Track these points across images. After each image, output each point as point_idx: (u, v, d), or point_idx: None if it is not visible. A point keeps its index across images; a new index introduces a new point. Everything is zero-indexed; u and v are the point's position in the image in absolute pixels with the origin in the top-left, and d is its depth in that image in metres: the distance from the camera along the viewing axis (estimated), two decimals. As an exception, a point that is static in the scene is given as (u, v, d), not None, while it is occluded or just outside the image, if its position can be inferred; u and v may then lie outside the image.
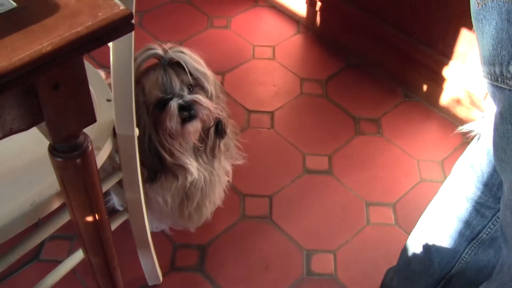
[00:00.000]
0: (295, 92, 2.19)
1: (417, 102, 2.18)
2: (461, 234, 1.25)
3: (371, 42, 2.23)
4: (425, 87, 2.16)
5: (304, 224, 1.77)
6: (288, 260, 1.69)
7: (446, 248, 1.29)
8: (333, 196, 1.85)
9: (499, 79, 0.74)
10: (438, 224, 1.29)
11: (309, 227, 1.77)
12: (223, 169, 1.58)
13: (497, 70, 0.74)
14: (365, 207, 1.83)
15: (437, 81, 2.03)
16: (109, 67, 1.00)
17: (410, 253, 1.39)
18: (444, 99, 2.07)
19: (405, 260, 1.42)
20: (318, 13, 2.40)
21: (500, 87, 0.75)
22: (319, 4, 2.34)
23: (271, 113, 2.10)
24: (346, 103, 2.16)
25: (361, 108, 2.14)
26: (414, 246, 1.37)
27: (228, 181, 1.69)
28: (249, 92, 2.17)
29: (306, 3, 2.40)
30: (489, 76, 0.77)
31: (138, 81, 1.33)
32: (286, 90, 2.19)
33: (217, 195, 1.62)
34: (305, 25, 2.47)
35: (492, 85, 0.77)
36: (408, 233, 1.41)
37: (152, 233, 1.51)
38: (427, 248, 1.32)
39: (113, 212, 1.50)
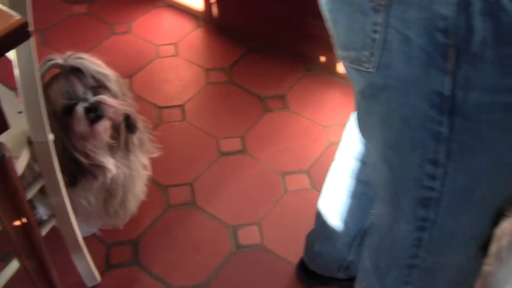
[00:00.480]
0: (202, 83, 2.28)
1: (318, 73, 2.31)
2: (363, 193, 1.37)
3: (268, 23, 2.36)
4: (323, 58, 2.30)
5: (227, 203, 1.87)
6: (217, 239, 1.79)
7: (353, 208, 1.41)
8: (250, 172, 1.96)
9: (355, 62, 0.82)
10: (340, 185, 1.41)
11: (231, 205, 1.87)
12: (140, 163, 1.66)
13: (352, 54, 0.82)
14: (281, 178, 1.95)
15: (333, 51, 2.16)
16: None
17: (323, 216, 1.51)
18: (342, 67, 2.21)
19: (321, 223, 1.54)
20: (214, 5, 2.51)
21: (357, 69, 0.83)
22: (212, -4, 2.45)
23: (181, 106, 2.19)
24: (251, 85, 2.27)
25: (266, 87, 2.26)
26: (325, 209, 1.49)
27: (148, 175, 1.76)
28: (158, 90, 2.25)
29: (201, -3, 2.50)
30: (346, 60, 0.86)
31: (43, 92, 1.39)
32: (193, 82, 2.29)
33: (139, 189, 1.70)
34: (203, 19, 2.57)
35: (350, 67, 0.86)
36: (323, 195, 1.53)
37: (84, 237, 1.58)
38: (336, 209, 1.45)
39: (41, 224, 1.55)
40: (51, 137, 1.21)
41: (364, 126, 0.96)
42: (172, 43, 2.48)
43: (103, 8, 2.64)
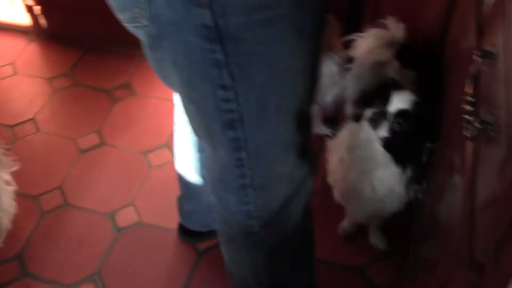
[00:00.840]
0: (48, 93, 2.34)
1: (156, 55, 2.42)
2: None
3: (96, 21, 2.41)
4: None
5: (98, 194, 1.96)
6: (97, 229, 1.87)
7: (203, 160, 1.50)
8: (113, 160, 2.06)
9: (132, 21, 0.92)
10: (186, 144, 1.52)
11: (103, 194, 1.96)
12: (2, 180, 1.71)
13: (128, 15, 0.91)
14: (143, 157, 2.06)
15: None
16: None
17: (182, 176, 1.63)
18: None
19: (183, 184, 1.65)
20: (40, 16, 2.54)
21: (136, 26, 0.93)
22: (37, 8, 2.47)
23: (33, 120, 2.23)
24: (95, 82, 2.35)
25: (110, 80, 2.36)
26: (182, 170, 1.61)
27: (14, 189, 1.81)
28: (5, 110, 2.28)
29: (26, 11, 2.52)
30: (126, 21, 0.95)
31: None
32: (39, 94, 2.33)
33: (7, 204, 1.74)
34: (33, 32, 2.60)
35: (131, 27, 0.95)
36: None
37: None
38: (190, 167, 1.55)
39: None
40: None
41: (163, 75, 1.05)
42: (9, 63, 2.50)
43: None
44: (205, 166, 1.51)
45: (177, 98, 1.44)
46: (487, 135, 0.77)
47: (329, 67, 1.79)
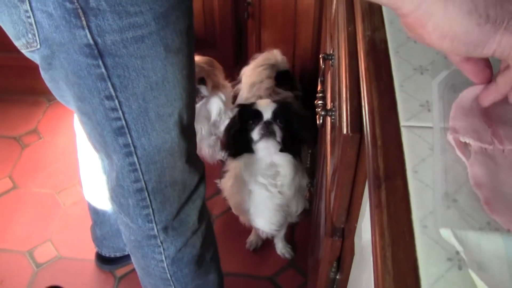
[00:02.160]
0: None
1: (61, 101, 2.53)
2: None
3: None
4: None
5: (15, 235, 2.04)
6: (17, 267, 1.94)
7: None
8: (27, 202, 2.15)
9: (27, 46, 1.02)
10: (89, 169, 1.63)
11: (20, 234, 2.04)
12: None
13: (22, 41, 1.02)
14: (57, 196, 2.16)
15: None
16: None
17: (91, 204, 1.74)
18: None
19: (92, 211, 1.77)
20: None
21: (31, 51, 1.03)
22: None
23: None
24: (3, 129, 2.45)
25: (17, 128, 2.45)
26: (89, 197, 1.72)
27: None
28: None
29: None
30: (22, 48, 1.05)
31: None
32: None
33: None
34: None
35: (27, 52, 1.05)
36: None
37: None
38: (96, 192, 1.65)
39: None
40: None
41: (59, 94, 1.15)
42: None
43: None
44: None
45: (79, 132, 1.56)
46: (332, 123, 0.96)
47: (217, 104, 1.99)
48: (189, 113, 1.18)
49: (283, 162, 1.62)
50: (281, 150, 1.61)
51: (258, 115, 1.61)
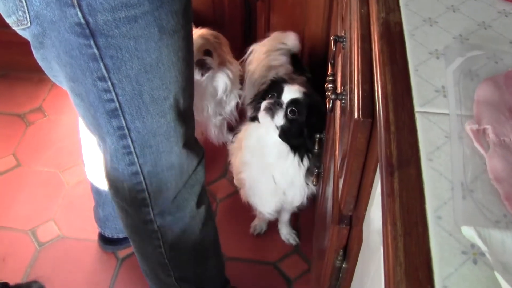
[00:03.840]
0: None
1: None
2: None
3: (3, 48, 2.48)
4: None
5: (18, 213, 2.03)
6: (19, 245, 1.93)
7: None
8: (31, 181, 2.13)
9: (17, 24, 1.00)
10: (91, 150, 1.60)
11: (23, 213, 2.03)
12: None
13: (13, 18, 0.99)
14: (60, 175, 2.14)
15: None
16: None
17: (94, 184, 1.72)
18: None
19: (95, 191, 1.75)
20: None
21: (22, 29, 1.02)
22: None
23: None
24: (8, 107, 2.42)
25: (22, 105, 2.43)
26: (92, 177, 1.71)
27: None
28: None
29: None
30: (13, 25, 1.03)
31: None
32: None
33: None
34: None
35: (18, 30, 1.03)
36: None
37: None
38: (98, 173, 1.62)
39: None
40: None
41: (52, 74, 1.14)
42: None
43: None
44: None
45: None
46: (342, 107, 0.93)
47: (223, 80, 1.94)
48: (186, 97, 1.15)
49: (274, 149, 1.58)
50: (281, 138, 1.57)
51: (280, 92, 1.57)
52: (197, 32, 1.83)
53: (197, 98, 1.60)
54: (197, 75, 1.75)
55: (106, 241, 1.88)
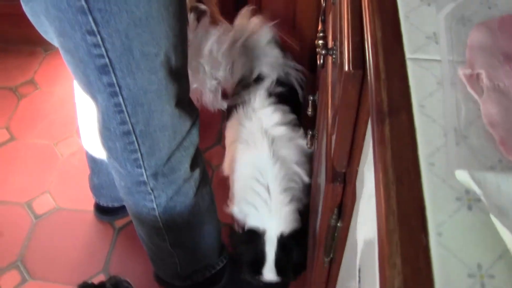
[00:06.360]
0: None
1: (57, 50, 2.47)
2: None
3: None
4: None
5: (13, 186, 2.03)
6: (15, 218, 1.93)
7: None
8: (25, 154, 2.12)
9: None
10: (88, 119, 1.58)
11: (18, 185, 2.02)
12: None
13: None
14: (54, 146, 2.13)
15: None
16: None
17: (89, 152, 1.70)
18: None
19: (90, 159, 1.73)
20: None
21: None
22: None
23: None
24: (-1, 81, 2.39)
25: (13, 78, 2.40)
26: (87, 145, 1.68)
27: None
28: None
29: None
30: None
31: None
32: None
33: None
34: None
35: None
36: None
37: None
38: (94, 141, 1.61)
39: None
40: None
41: (42, 30, 1.12)
42: None
43: None
44: None
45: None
46: (333, 62, 0.91)
47: (217, 38, 1.91)
48: (178, 55, 1.13)
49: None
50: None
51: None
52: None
53: (192, 56, 1.58)
54: (193, 22, 1.73)
55: (102, 211, 1.87)
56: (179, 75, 1.16)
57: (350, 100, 0.72)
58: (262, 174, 1.52)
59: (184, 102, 1.21)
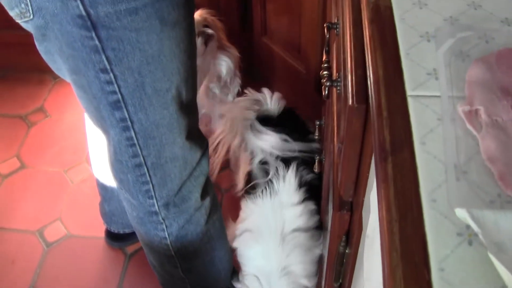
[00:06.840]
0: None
1: (66, 78, 2.51)
2: None
3: (2, 50, 2.49)
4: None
5: (25, 214, 2.04)
6: (27, 246, 1.95)
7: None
8: (36, 181, 2.14)
9: (21, 16, 1.02)
10: (97, 147, 1.63)
11: (30, 213, 2.04)
12: None
13: (16, 11, 1.01)
14: (65, 174, 2.15)
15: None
16: None
17: (99, 180, 1.73)
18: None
19: (101, 186, 1.75)
20: None
21: (25, 21, 1.03)
22: None
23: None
24: (9, 109, 2.43)
25: (23, 106, 2.43)
26: (98, 173, 1.71)
27: None
28: None
29: None
30: (16, 18, 1.05)
31: None
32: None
33: None
34: None
35: (22, 23, 1.05)
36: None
37: None
38: (104, 168, 1.65)
39: None
40: None
41: (56, 67, 1.14)
42: None
43: None
44: None
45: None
46: (338, 94, 0.93)
47: (225, 62, 1.94)
48: (189, 89, 1.16)
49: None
50: None
51: None
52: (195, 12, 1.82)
53: (200, 81, 1.60)
54: (200, 46, 1.76)
55: (113, 237, 1.89)
56: (189, 108, 1.18)
57: (355, 133, 0.74)
58: (268, 283, 1.50)
59: (194, 133, 1.23)
